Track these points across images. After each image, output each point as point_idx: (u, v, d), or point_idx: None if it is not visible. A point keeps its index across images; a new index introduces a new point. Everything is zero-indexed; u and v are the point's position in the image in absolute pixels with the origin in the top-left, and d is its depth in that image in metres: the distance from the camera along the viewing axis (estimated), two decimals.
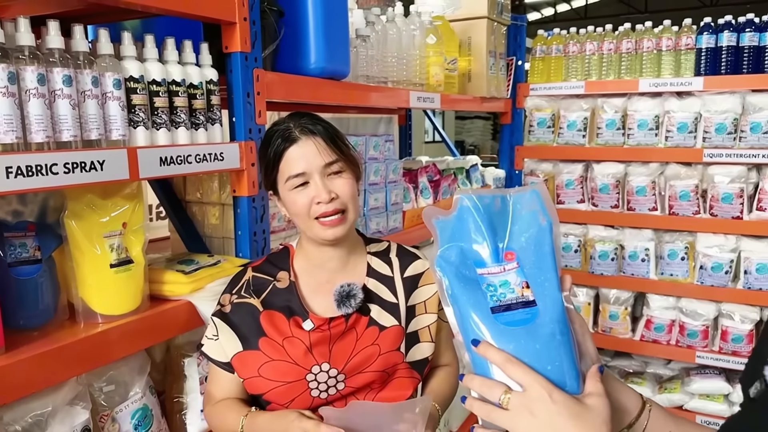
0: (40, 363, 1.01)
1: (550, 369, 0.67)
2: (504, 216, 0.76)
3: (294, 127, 1.09)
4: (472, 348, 0.71)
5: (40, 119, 0.99)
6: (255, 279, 1.18)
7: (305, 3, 1.54)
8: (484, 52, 2.52)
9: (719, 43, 2.63)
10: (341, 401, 1.13)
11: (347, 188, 1.11)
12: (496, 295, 0.71)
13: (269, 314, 1.14)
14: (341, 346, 1.12)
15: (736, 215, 2.62)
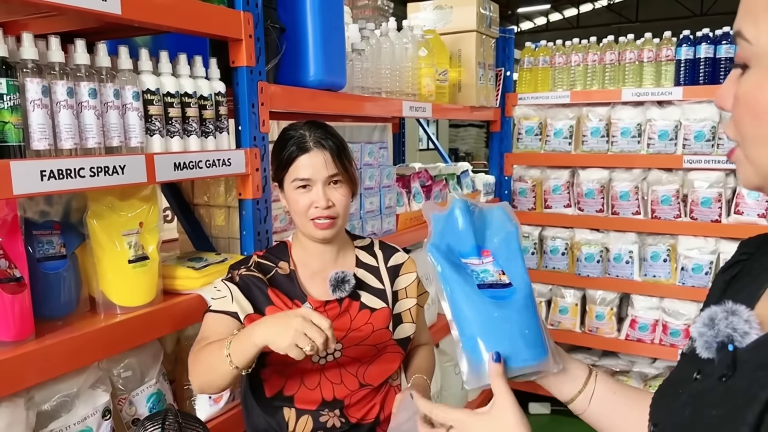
0: (66, 348, 1.12)
1: (527, 332, 0.80)
2: (481, 222, 0.90)
3: (309, 137, 1.23)
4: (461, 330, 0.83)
5: (69, 128, 1.10)
6: (260, 264, 1.29)
7: (305, 20, 1.66)
8: (473, 63, 2.64)
9: (697, 54, 2.76)
10: (335, 370, 1.26)
11: (343, 199, 1.25)
12: (480, 277, 0.85)
13: (275, 291, 1.25)
14: (338, 326, 1.24)
15: (715, 219, 2.74)
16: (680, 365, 0.73)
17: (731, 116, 0.61)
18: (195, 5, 1.33)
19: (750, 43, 0.56)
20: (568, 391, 0.84)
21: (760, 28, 0.55)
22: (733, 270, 0.74)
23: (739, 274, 0.74)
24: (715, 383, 0.61)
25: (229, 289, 1.23)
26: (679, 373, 0.71)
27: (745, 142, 0.60)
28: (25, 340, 1.09)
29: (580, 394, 0.83)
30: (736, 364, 0.59)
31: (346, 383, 1.27)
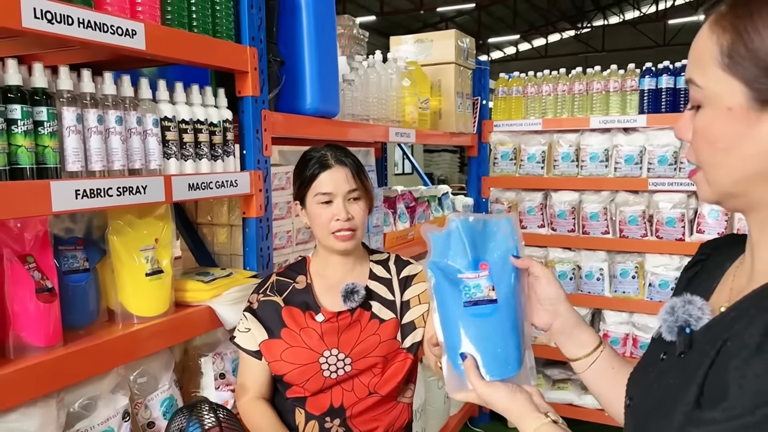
0: (91, 354, 1.21)
1: (499, 351, 0.91)
2: (484, 235, 0.98)
3: (330, 156, 1.38)
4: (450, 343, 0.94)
5: (99, 152, 1.21)
6: (278, 282, 1.45)
7: (302, 54, 1.80)
8: (452, 92, 2.82)
9: (659, 85, 2.98)
10: (348, 381, 1.38)
11: (361, 213, 1.40)
12: (469, 294, 0.94)
13: (289, 309, 1.40)
14: (348, 336, 1.37)
15: (679, 237, 2.93)
16: (650, 348, 0.87)
17: (691, 145, 0.75)
18: (208, 41, 1.46)
19: (701, 88, 0.70)
20: (573, 353, 0.97)
21: (708, 77, 0.69)
22: (695, 268, 0.89)
23: (699, 271, 0.89)
24: (676, 360, 0.75)
25: (248, 321, 1.43)
26: (649, 355, 0.85)
27: (704, 165, 0.73)
28: (55, 346, 1.18)
29: (582, 359, 0.96)
30: (692, 344, 0.73)
31: (356, 391, 1.39)
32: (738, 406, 0.59)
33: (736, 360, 0.61)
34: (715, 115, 0.69)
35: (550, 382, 3.33)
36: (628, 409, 0.84)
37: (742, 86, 0.66)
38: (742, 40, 0.65)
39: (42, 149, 1.11)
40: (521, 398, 0.88)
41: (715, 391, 0.64)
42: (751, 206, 0.72)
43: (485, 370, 0.91)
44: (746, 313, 0.67)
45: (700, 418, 0.63)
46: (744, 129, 0.67)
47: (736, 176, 0.70)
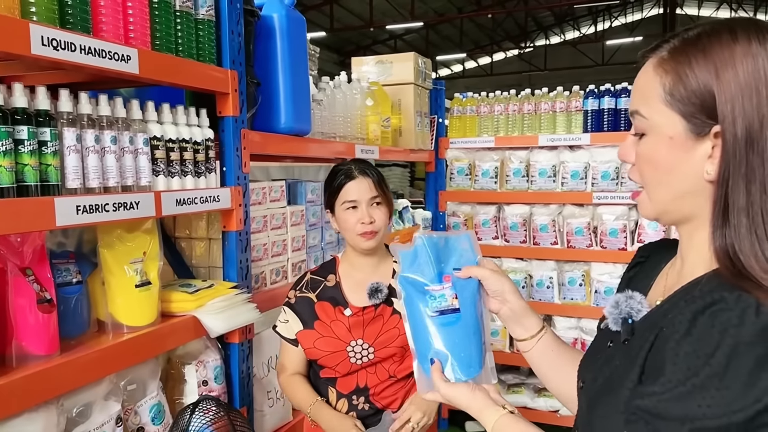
0: (87, 362, 1.27)
1: (463, 356, 1.02)
2: (447, 250, 1.09)
3: (355, 169, 1.65)
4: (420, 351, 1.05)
5: (96, 170, 1.28)
6: (312, 280, 1.71)
7: (277, 76, 1.91)
8: (412, 111, 2.97)
9: (601, 106, 3.20)
10: (372, 366, 1.64)
11: (382, 216, 1.64)
12: (435, 304, 1.05)
13: (321, 304, 1.66)
14: (372, 328, 1.63)
15: (622, 247, 3.14)
16: (598, 338, 1.01)
17: (635, 167, 0.87)
18: (194, 65, 1.55)
19: (647, 119, 0.83)
20: (519, 335, 1.09)
21: (652, 110, 0.82)
22: (635, 269, 1.04)
23: (638, 272, 1.04)
24: (620, 346, 0.89)
25: (287, 313, 1.70)
26: (598, 343, 0.99)
27: (647, 184, 0.86)
28: (53, 355, 1.24)
29: (526, 341, 1.08)
30: (633, 332, 0.87)
31: (378, 375, 1.63)
32: (673, 379, 0.72)
33: (670, 342, 0.74)
34: (658, 142, 0.82)
35: (505, 386, 3.49)
36: (581, 391, 0.97)
37: (681, 119, 0.79)
38: (682, 82, 0.78)
39: (45, 167, 1.17)
40: (480, 395, 1.00)
41: (654, 369, 0.76)
42: (683, 219, 0.85)
43: (452, 372, 1.02)
44: (677, 304, 0.80)
45: (642, 392, 0.75)
46: (683, 154, 0.80)
47: (674, 194, 0.83)
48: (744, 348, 0.68)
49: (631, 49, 20.14)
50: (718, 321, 0.70)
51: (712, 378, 0.69)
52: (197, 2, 1.58)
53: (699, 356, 0.70)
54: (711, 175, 0.78)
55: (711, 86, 0.76)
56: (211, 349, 1.68)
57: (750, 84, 0.75)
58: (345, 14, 16.78)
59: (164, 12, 1.46)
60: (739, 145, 0.75)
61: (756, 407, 0.66)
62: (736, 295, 0.72)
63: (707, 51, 0.77)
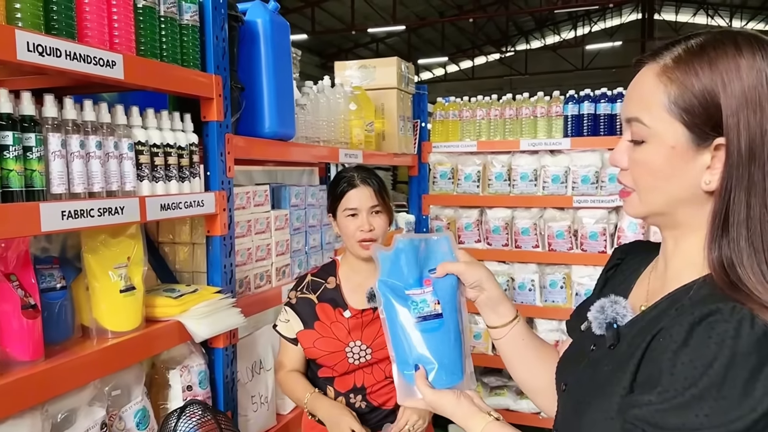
0: (72, 368, 1.27)
1: (446, 362, 1.02)
2: (426, 253, 1.08)
3: (357, 177, 1.69)
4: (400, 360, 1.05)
5: (81, 175, 1.28)
6: (313, 281, 1.76)
7: (261, 81, 1.92)
8: (395, 116, 2.99)
9: (581, 111, 3.25)
10: (369, 366, 1.69)
11: (382, 225, 1.68)
12: (417, 309, 1.04)
13: (322, 306, 1.71)
14: (370, 330, 1.68)
15: (602, 250, 3.19)
16: (580, 341, 1.02)
17: (627, 171, 0.88)
18: (179, 71, 1.55)
19: (648, 127, 0.83)
20: (492, 321, 1.09)
21: (654, 118, 0.82)
22: (612, 271, 1.07)
23: (614, 273, 1.06)
24: (606, 351, 0.90)
25: (288, 313, 1.75)
26: (580, 346, 1.01)
27: (641, 190, 0.87)
28: (37, 361, 1.23)
29: (498, 328, 1.08)
30: (619, 337, 0.89)
31: (375, 374, 1.67)
32: (671, 389, 0.73)
33: (667, 352, 0.75)
34: (659, 150, 0.82)
35: (487, 388, 3.52)
36: (563, 393, 0.98)
37: (684, 129, 0.80)
38: (688, 92, 0.79)
39: (30, 173, 1.17)
40: (465, 402, 1.01)
41: (649, 378, 0.77)
42: (673, 224, 0.87)
43: (435, 379, 1.01)
44: (666, 312, 0.82)
45: (638, 401, 0.76)
46: (683, 164, 0.81)
47: (668, 200, 0.84)
48: (740, 359, 0.70)
49: (611, 54, 20.47)
50: (715, 332, 0.72)
51: (711, 389, 0.70)
52: (182, 8, 1.58)
53: (696, 367, 0.72)
54: (711, 185, 0.80)
55: (717, 98, 0.77)
56: (196, 354, 1.68)
57: (754, 98, 0.76)
58: (326, 17, 16.79)
59: (149, 17, 1.46)
60: (742, 158, 0.76)
61: (752, 416, 0.68)
62: (731, 306, 0.73)
63: (713, 63, 0.78)
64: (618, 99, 3.22)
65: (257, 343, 2.06)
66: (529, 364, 1.09)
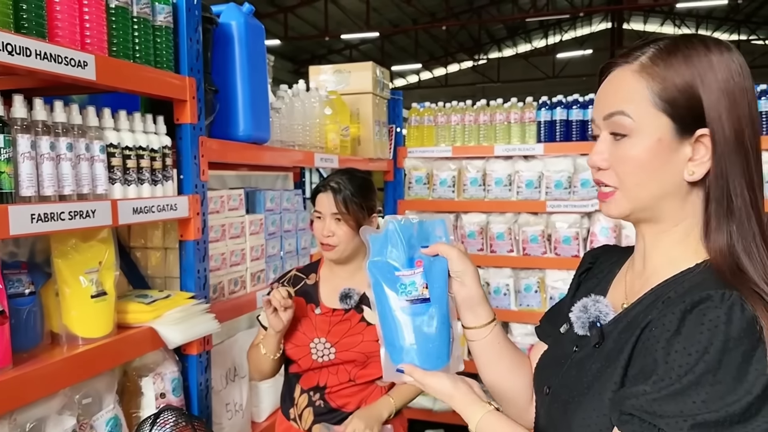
0: (41, 376, 1.24)
1: (431, 347, 1.01)
2: (420, 235, 1.06)
3: (330, 181, 1.71)
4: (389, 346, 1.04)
5: (51, 177, 1.25)
6: (295, 276, 1.81)
7: (235, 83, 1.90)
8: (370, 121, 2.99)
9: (554, 117, 3.29)
10: (333, 366, 1.70)
11: (341, 233, 1.68)
12: (405, 292, 1.02)
13: (297, 299, 1.71)
14: (337, 329, 1.69)
15: (575, 254, 3.22)
16: (560, 344, 1.02)
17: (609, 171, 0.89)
18: (152, 72, 1.53)
19: (633, 120, 0.85)
20: (468, 321, 1.06)
21: (639, 110, 0.84)
22: (585, 275, 1.08)
23: (587, 276, 1.07)
24: (591, 350, 0.90)
25: None
26: (561, 348, 1.00)
27: (626, 186, 0.87)
28: (5, 368, 1.19)
29: (474, 329, 1.06)
30: (604, 335, 0.90)
31: (339, 375, 1.68)
32: (666, 377, 0.74)
33: (660, 342, 0.77)
34: (645, 143, 0.85)
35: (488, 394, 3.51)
36: (548, 396, 0.97)
37: (669, 121, 0.83)
38: (675, 86, 0.83)
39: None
40: (464, 387, 0.98)
41: (642, 369, 0.79)
42: (654, 219, 0.89)
43: (419, 362, 1.00)
44: (653, 306, 0.83)
45: (633, 392, 0.77)
46: (667, 156, 0.84)
47: (655, 193, 0.86)
48: (733, 344, 0.72)
49: (581, 63, 20.81)
50: (707, 319, 0.74)
51: (707, 374, 0.72)
52: (155, 9, 1.56)
53: (691, 353, 0.74)
54: (694, 176, 0.83)
55: (698, 90, 0.82)
56: (169, 361, 1.64)
57: (728, 89, 0.82)
58: (300, 23, 16.75)
59: (121, 18, 1.44)
60: (729, 145, 0.81)
61: (747, 399, 0.71)
62: (721, 293, 0.76)
63: (688, 59, 0.83)
64: (590, 105, 3.27)
65: (232, 350, 2.04)
66: (502, 370, 1.08)
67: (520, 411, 1.07)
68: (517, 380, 1.07)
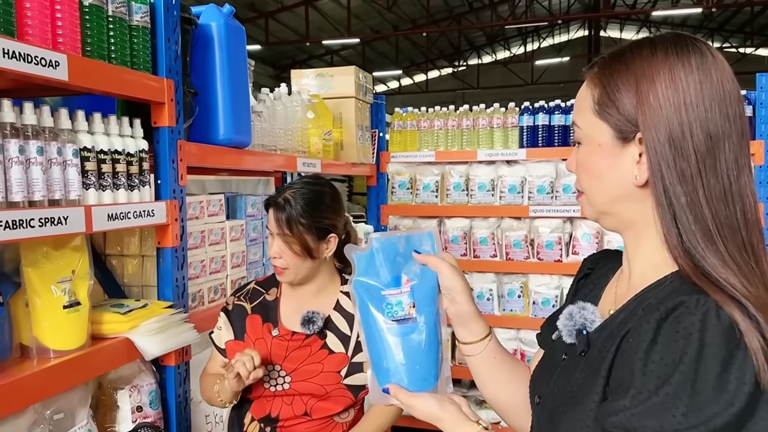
0: (9, 392, 1.17)
1: (418, 369, 0.98)
2: (407, 251, 1.02)
3: (278, 196, 1.51)
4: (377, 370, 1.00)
5: (20, 182, 1.19)
6: (254, 290, 1.63)
7: (215, 86, 1.85)
8: (353, 125, 2.95)
9: (536, 122, 3.29)
10: (289, 397, 1.51)
11: (289, 254, 1.49)
12: (391, 312, 0.99)
13: (252, 318, 1.57)
14: (295, 356, 1.50)
15: (557, 259, 3.22)
16: (551, 351, 1.00)
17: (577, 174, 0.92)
18: (128, 73, 1.47)
19: (581, 129, 0.89)
20: (462, 337, 1.03)
21: (585, 120, 0.88)
22: (583, 281, 1.05)
23: (585, 283, 1.05)
24: (577, 358, 0.88)
25: (221, 320, 1.62)
26: (551, 357, 0.98)
27: (585, 190, 0.91)
28: None
29: (469, 344, 1.03)
30: (590, 343, 0.87)
31: (294, 408, 1.50)
32: (644, 390, 0.71)
33: (638, 353, 0.73)
34: (590, 150, 0.88)
35: (473, 401, 3.47)
36: (538, 406, 0.95)
37: (608, 127, 0.84)
38: (607, 93, 0.84)
39: None
40: (451, 408, 0.95)
41: (621, 381, 0.75)
42: (624, 224, 0.88)
43: (406, 384, 0.98)
44: (634, 313, 0.81)
45: (614, 408, 0.74)
46: (611, 160, 0.85)
47: (607, 197, 0.87)
48: (709, 351, 0.69)
49: (559, 69, 21.02)
50: (681, 326, 0.71)
51: (684, 384, 0.69)
52: (131, 8, 1.51)
53: (667, 364, 0.70)
54: (639, 179, 0.82)
55: (632, 96, 0.81)
56: (146, 373, 1.58)
57: (667, 93, 0.79)
58: (281, 28, 16.68)
59: (96, 17, 1.39)
60: (664, 150, 0.79)
61: (730, 411, 0.67)
62: (695, 299, 0.73)
63: (629, 64, 0.83)
64: (572, 111, 3.26)
65: None
66: (501, 383, 1.05)
67: (522, 423, 1.04)
68: (518, 392, 1.03)
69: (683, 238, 0.79)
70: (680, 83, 0.79)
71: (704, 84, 0.79)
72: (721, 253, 0.76)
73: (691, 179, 0.78)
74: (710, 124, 0.78)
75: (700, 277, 0.75)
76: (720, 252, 0.76)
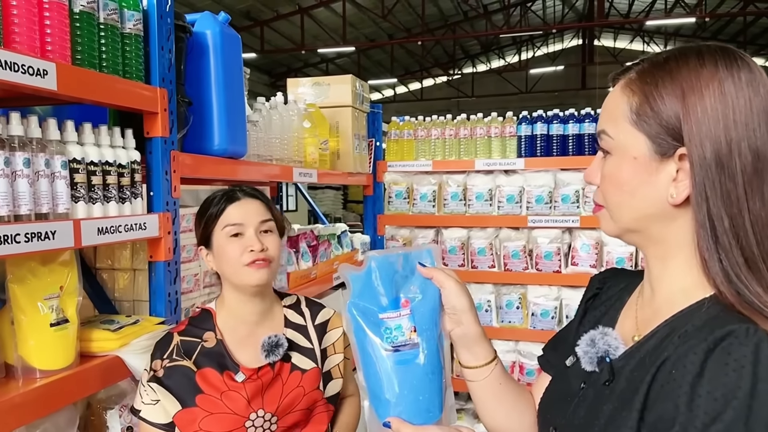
0: None
1: (421, 399, 0.91)
2: (405, 270, 0.96)
3: (239, 191, 1.38)
4: None
5: (5, 196, 1.14)
6: (183, 342, 1.34)
7: (210, 95, 1.81)
8: (350, 134, 2.91)
9: (534, 131, 3.26)
10: None
11: (275, 244, 1.37)
12: (390, 338, 0.92)
13: (203, 373, 1.31)
14: (272, 393, 1.33)
15: (556, 269, 3.18)
16: (565, 379, 0.93)
17: (599, 187, 0.85)
18: (119, 82, 1.43)
19: (612, 139, 0.82)
20: (465, 360, 0.98)
21: (619, 129, 0.81)
22: (592, 300, 1.00)
23: (594, 303, 1.00)
24: (601, 388, 0.82)
25: (156, 392, 1.30)
26: (567, 384, 0.91)
27: (609, 205, 0.84)
28: None
29: (472, 369, 0.97)
30: (614, 372, 0.82)
31: None
32: (690, 427, 0.66)
33: (683, 386, 0.68)
34: (623, 162, 0.81)
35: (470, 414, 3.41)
36: None
37: (646, 140, 0.78)
38: (648, 103, 0.78)
39: None
40: None
41: (661, 417, 0.70)
42: (650, 241, 0.83)
43: (408, 416, 0.90)
44: (669, 341, 0.75)
45: None
46: (646, 176, 0.79)
47: (636, 215, 0.81)
48: (763, 386, 0.64)
49: (553, 78, 21.10)
50: (732, 358, 0.66)
51: (736, 422, 0.64)
52: (124, 15, 1.47)
53: (717, 398, 0.66)
54: (676, 198, 0.77)
55: (677, 108, 0.75)
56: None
57: (716, 108, 0.74)
58: (276, 37, 16.67)
59: (87, 24, 1.34)
60: (709, 167, 0.74)
61: None
62: (745, 327, 0.68)
63: (674, 74, 0.77)
64: (570, 120, 3.24)
65: None
66: (503, 413, 0.99)
67: None
68: (522, 420, 0.99)
69: (724, 264, 0.74)
70: (730, 98, 0.74)
71: (754, 101, 0.74)
72: (766, 281, 0.71)
73: (736, 201, 0.73)
74: (759, 143, 0.74)
75: (744, 305, 0.71)
76: (765, 280, 0.71)
